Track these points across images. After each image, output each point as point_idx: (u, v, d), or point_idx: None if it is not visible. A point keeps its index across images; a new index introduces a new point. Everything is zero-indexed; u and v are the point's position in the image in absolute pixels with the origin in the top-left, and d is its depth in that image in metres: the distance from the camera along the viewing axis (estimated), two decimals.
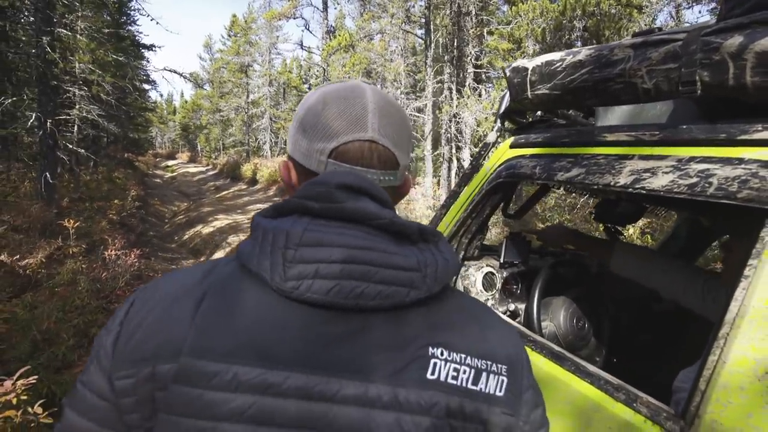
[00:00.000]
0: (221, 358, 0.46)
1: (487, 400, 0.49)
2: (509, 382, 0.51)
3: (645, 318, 1.99)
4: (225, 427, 0.45)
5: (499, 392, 0.50)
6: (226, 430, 0.45)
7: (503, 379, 0.51)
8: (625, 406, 0.91)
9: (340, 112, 0.56)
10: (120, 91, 9.70)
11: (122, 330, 0.51)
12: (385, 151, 0.57)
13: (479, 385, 0.49)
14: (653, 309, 2.00)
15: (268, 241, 0.50)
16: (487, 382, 0.50)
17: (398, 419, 0.46)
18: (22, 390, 1.50)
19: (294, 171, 0.61)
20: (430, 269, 0.50)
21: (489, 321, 0.55)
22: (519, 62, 1.29)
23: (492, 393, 0.50)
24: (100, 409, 0.50)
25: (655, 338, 1.97)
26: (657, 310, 1.99)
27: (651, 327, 1.99)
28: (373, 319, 0.49)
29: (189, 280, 0.53)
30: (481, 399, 0.49)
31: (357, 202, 0.51)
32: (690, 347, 1.82)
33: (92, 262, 4.11)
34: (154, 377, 0.47)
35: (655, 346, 1.94)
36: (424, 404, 0.47)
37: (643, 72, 0.96)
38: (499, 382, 0.50)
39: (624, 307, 1.91)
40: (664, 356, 1.87)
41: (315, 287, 0.47)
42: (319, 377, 0.46)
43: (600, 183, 1.06)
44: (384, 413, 0.46)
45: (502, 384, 0.51)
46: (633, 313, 1.96)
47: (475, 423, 0.48)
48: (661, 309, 1.98)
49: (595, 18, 6.26)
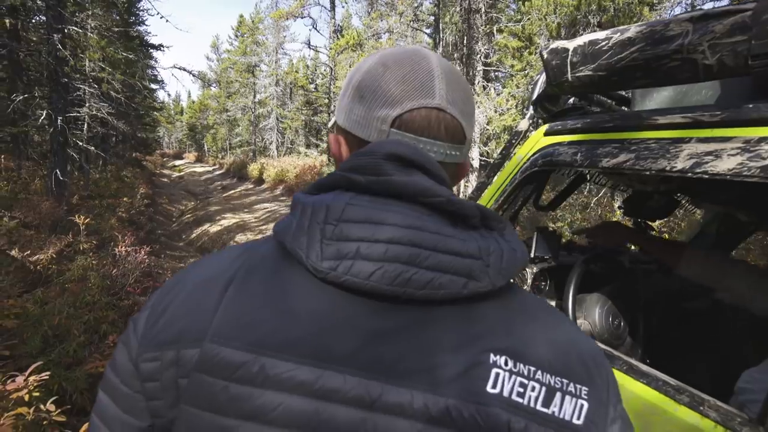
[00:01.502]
0: (248, 348, 0.40)
1: (561, 428, 0.40)
2: (591, 408, 0.41)
3: (675, 316, 1.92)
4: (248, 427, 0.39)
5: (577, 420, 0.40)
6: (249, 430, 0.39)
7: (583, 403, 0.41)
8: (690, 409, 0.84)
9: (404, 76, 0.50)
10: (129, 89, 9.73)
11: (151, 313, 0.47)
12: (452, 121, 0.50)
13: (551, 408, 0.40)
14: (684, 307, 1.92)
15: (306, 216, 0.44)
16: (561, 405, 0.40)
17: None
18: (35, 386, 1.46)
19: (345, 144, 0.55)
20: (493, 258, 0.42)
21: (564, 328, 0.46)
22: (558, 43, 1.21)
23: (568, 419, 0.40)
24: (123, 395, 0.46)
25: (686, 337, 1.90)
26: (688, 308, 1.92)
27: (681, 325, 1.92)
28: (426, 313, 0.41)
29: (221, 260, 0.48)
30: (552, 425, 0.40)
31: (408, 176, 0.44)
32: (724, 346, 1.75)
33: (102, 258, 4.09)
34: (178, 362, 0.42)
35: (686, 345, 1.87)
36: (481, 422, 0.39)
37: (704, 47, 0.89)
38: (578, 407, 0.41)
39: (654, 304, 1.84)
40: (697, 355, 1.80)
41: (355, 269, 0.40)
42: (356, 378, 0.39)
43: (653, 168, 0.98)
44: (431, 428, 0.38)
45: (581, 409, 0.41)
46: (663, 311, 1.89)
47: None
48: (692, 307, 1.91)
49: (609, 13, 6.15)
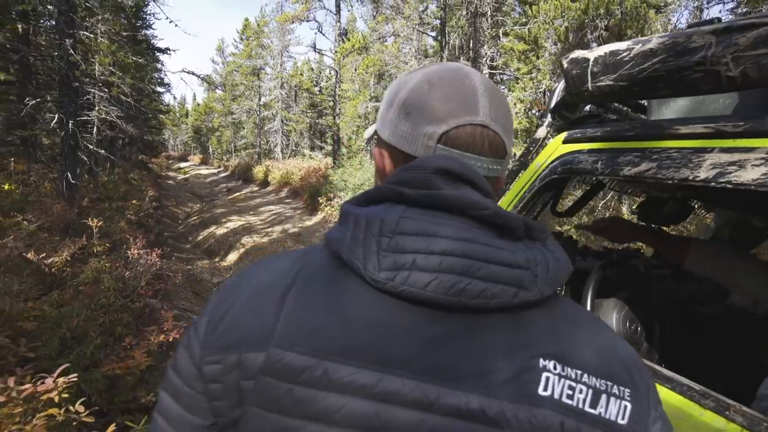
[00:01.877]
0: (311, 353, 0.42)
1: (608, 428, 0.42)
2: (633, 408, 0.44)
3: (689, 320, 1.93)
4: (313, 427, 0.41)
5: (621, 420, 0.43)
6: (314, 431, 0.41)
7: (626, 404, 0.44)
8: (716, 414, 0.86)
9: (449, 94, 0.52)
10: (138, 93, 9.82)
11: (210, 318, 0.49)
12: (495, 137, 0.53)
13: (598, 409, 0.42)
14: (697, 311, 1.93)
15: (360, 228, 0.46)
16: (607, 407, 0.43)
17: None
18: (63, 388, 1.49)
19: (389, 158, 0.57)
20: (540, 268, 0.45)
21: (604, 334, 0.49)
22: (577, 53, 1.24)
23: (613, 420, 0.43)
24: (186, 395, 0.49)
25: (700, 341, 1.90)
26: (701, 313, 1.93)
27: (695, 330, 1.93)
28: (478, 321, 0.44)
29: (277, 267, 0.51)
30: (600, 425, 0.42)
31: (457, 190, 0.47)
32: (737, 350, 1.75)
33: (115, 261, 4.14)
34: (240, 365, 0.45)
35: (700, 349, 1.88)
36: (536, 423, 0.41)
37: (728, 59, 0.91)
38: (622, 408, 0.43)
39: (668, 309, 1.85)
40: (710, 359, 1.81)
41: (411, 280, 0.42)
42: (414, 382, 0.41)
43: (676, 177, 1.00)
44: (488, 429, 0.41)
45: (625, 410, 0.43)
46: (677, 315, 1.90)
47: None
48: (706, 312, 1.92)
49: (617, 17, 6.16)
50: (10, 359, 1.84)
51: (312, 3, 14.70)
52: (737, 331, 1.77)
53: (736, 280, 1.23)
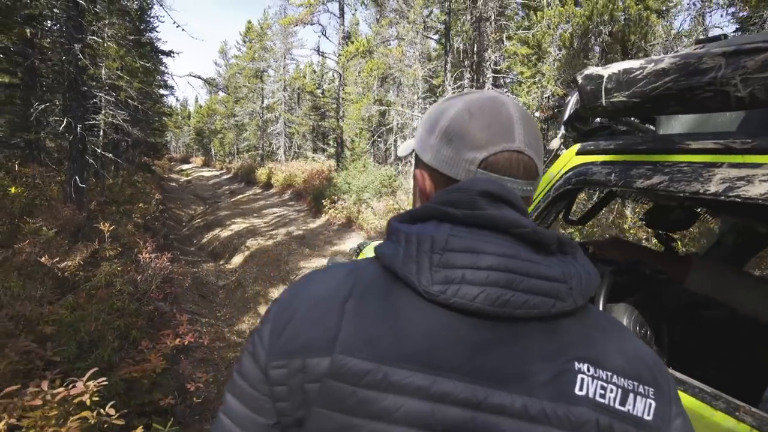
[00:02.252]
0: (372, 358, 0.47)
1: (636, 424, 0.47)
2: (657, 406, 0.49)
3: (695, 325, 1.97)
4: (374, 426, 0.46)
5: (647, 416, 0.48)
6: (374, 429, 0.46)
7: (651, 402, 0.49)
8: (727, 415, 0.91)
9: (489, 122, 0.58)
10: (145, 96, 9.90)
11: (273, 326, 0.54)
12: (529, 161, 0.58)
13: (627, 406, 0.47)
14: (703, 316, 1.97)
15: (412, 244, 0.51)
16: (634, 404, 0.48)
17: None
18: (95, 391, 1.54)
19: (430, 179, 0.62)
20: (575, 281, 0.50)
21: (628, 339, 0.54)
22: (592, 69, 1.29)
23: (640, 416, 0.48)
24: (251, 397, 0.53)
25: (706, 345, 1.95)
26: (706, 317, 1.97)
27: (701, 334, 1.97)
28: (519, 329, 0.49)
29: (332, 280, 0.55)
30: (629, 421, 0.47)
31: (499, 210, 0.52)
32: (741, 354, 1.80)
33: (126, 265, 4.19)
34: (304, 369, 0.49)
35: (706, 353, 1.92)
36: (574, 420, 0.46)
37: (737, 80, 0.97)
38: (647, 406, 0.48)
39: (675, 313, 1.90)
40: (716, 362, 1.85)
41: (461, 293, 0.47)
42: (464, 384, 0.46)
43: (687, 191, 1.06)
44: (531, 426, 0.45)
45: (650, 407, 0.48)
46: (684, 319, 1.94)
47: None
48: (710, 316, 1.96)
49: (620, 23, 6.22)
50: (38, 363, 1.90)
51: (316, 6, 14.79)
52: (742, 335, 1.81)
53: (736, 296, 1.28)
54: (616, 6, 5.99)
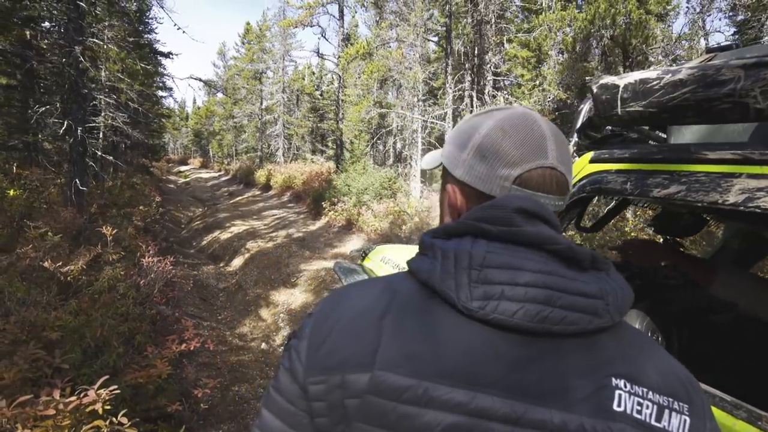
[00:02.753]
0: (412, 374, 0.47)
1: None
2: (692, 422, 0.49)
3: (704, 329, 1.98)
4: None
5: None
6: None
7: (686, 418, 0.49)
8: (749, 424, 0.92)
9: (522, 140, 0.58)
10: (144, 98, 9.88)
11: (310, 342, 0.54)
12: (561, 177, 0.59)
13: (662, 423, 0.48)
14: (712, 320, 1.98)
15: (449, 260, 0.52)
16: (670, 420, 0.48)
17: None
18: (107, 400, 1.53)
19: (461, 194, 0.63)
20: (611, 298, 0.51)
21: (662, 355, 0.54)
22: (607, 79, 1.30)
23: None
24: (288, 412, 0.54)
25: (714, 349, 1.96)
26: (715, 322, 1.98)
27: (710, 338, 1.98)
28: (557, 345, 0.49)
29: (369, 295, 0.56)
30: None
31: (534, 227, 0.52)
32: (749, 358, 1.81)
33: (129, 269, 4.18)
34: (343, 384, 0.49)
35: (715, 358, 1.93)
36: None
37: (756, 92, 0.97)
38: (682, 422, 0.48)
39: (684, 318, 1.90)
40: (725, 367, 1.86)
41: (501, 308, 0.48)
42: (503, 399, 0.46)
43: (705, 201, 1.06)
44: None
45: (685, 424, 0.49)
46: (693, 324, 1.95)
47: None
48: (719, 321, 1.97)
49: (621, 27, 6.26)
50: (46, 371, 1.89)
51: (315, 8, 14.81)
52: (749, 339, 1.82)
53: (761, 303, 1.29)
54: (617, 10, 6.03)
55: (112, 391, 1.62)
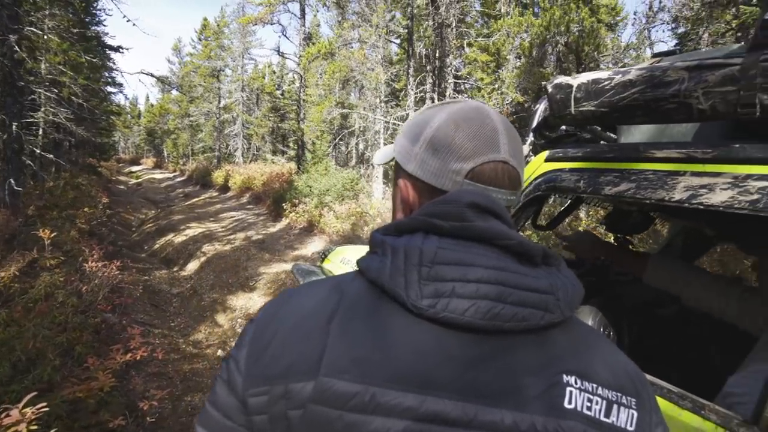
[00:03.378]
0: (359, 379, 0.44)
1: None
2: (639, 416, 0.49)
3: (652, 323, 2.07)
4: None
5: (630, 427, 0.48)
6: None
7: (633, 412, 0.49)
8: (693, 413, 0.94)
9: (474, 133, 0.57)
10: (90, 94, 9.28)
11: (252, 348, 0.50)
12: (513, 171, 0.58)
13: (611, 418, 0.47)
14: (657, 314, 2.08)
15: (399, 257, 0.49)
16: (618, 415, 0.48)
17: None
18: (33, 419, 1.37)
19: (413, 189, 0.60)
20: (562, 293, 0.50)
21: (611, 350, 0.54)
22: (561, 79, 1.32)
23: (623, 427, 0.48)
24: (226, 428, 0.49)
25: (661, 342, 2.05)
26: (662, 316, 2.08)
27: (657, 332, 2.07)
28: (509, 342, 0.48)
29: (316, 297, 0.52)
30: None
31: (486, 222, 0.51)
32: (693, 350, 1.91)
33: (70, 275, 3.88)
34: (287, 394, 0.46)
35: (662, 350, 2.02)
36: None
37: (699, 93, 1.01)
38: (630, 416, 0.49)
39: (634, 313, 1.98)
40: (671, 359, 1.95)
41: (451, 306, 0.46)
42: (454, 402, 0.44)
43: (653, 198, 1.09)
44: None
45: (632, 418, 0.49)
46: (642, 319, 2.04)
47: None
48: (664, 314, 2.07)
49: (575, 35, 6.55)
50: None
51: (276, 6, 14.49)
52: (693, 332, 1.92)
53: (691, 292, 1.34)
54: (571, 18, 6.31)
55: (39, 408, 1.46)
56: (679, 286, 1.39)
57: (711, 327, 1.76)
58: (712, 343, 1.84)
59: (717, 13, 5.69)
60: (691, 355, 1.92)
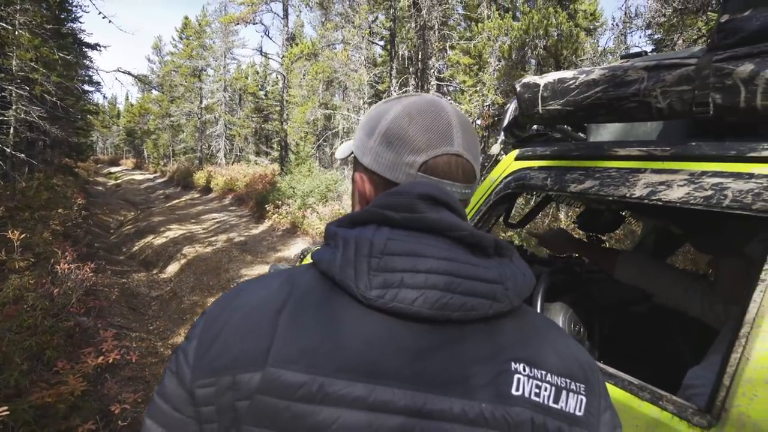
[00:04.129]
0: (307, 369, 0.45)
1: (568, 420, 0.49)
2: (588, 401, 0.50)
3: (624, 320, 2.12)
4: None
5: (579, 412, 0.49)
6: None
7: (582, 398, 0.50)
8: (651, 404, 0.97)
9: (428, 126, 0.57)
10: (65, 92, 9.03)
11: (201, 340, 0.50)
12: (467, 164, 0.59)
13: (560, 404, 0.49)
14: (630, 311, 2.13)
15: (350, 249, 0.49)
16: (567, 401, 0.49)
17: None
18: None
19: (370, 183, 0.61)
20: (510, 283, 0.51)
21: (562, 338, 0.55)
22: (529, 78, 1.34)
23: (572, 412, 0.49)
24: (174, 420, 0.49)
25: (633, 337, 2.10)
26: (633, 312, 2.13)
27: (629, 328, 2.12)
28: (458, 332, 0.48)
29: (266, 289, 0.52)
30: (562, 418, 0.48)
31: (437, 213, 0.51)
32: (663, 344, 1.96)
33: (41, 277, 3.76)
34: (234, 386, 0.46)
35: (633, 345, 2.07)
36: (510, 421, 0.46)
37: (657, 93, 1.04)
38: (579, 402, 0.50)
39: (606, 310, 2.03)
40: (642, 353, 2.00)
41: (400, 296, 0.46)
42: (403, 391, 0.45)
43: (615, 195, 1.12)
44: (470, 429, 0.45)
45: (581, 403, 0.50)
46: (613, 315, 2.08)
47: None
48: (636, 311, 2.12)
49: (553, 38, 6.69)
50: None
51: (258, 6, 14.36)
52: (665, 329, 1.97)
53: (659, 288, 1.38)
54: (549, 22, 6.44)
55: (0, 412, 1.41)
56: (647, 282, 1.43)
57: (681, 323, 1.81)
58: (682, 338, 1.89)
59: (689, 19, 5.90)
60: (662, 351, 1.96)
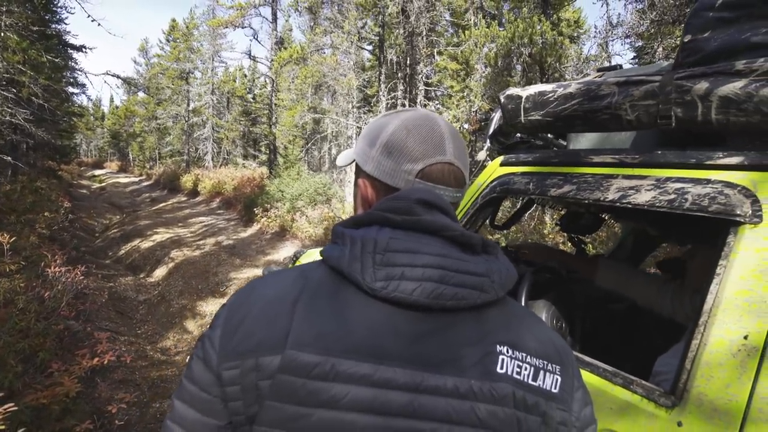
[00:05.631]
0: (320, 351, 0.52)
1: (545, 396, 0.56)
2: (562, 380, 0.58)
3: (602, 316, 2.23)
4: (324, 413, 0.51)
5: (554, 389, 0.57)
6: (323, 416, 0.51)
7: (557, 378, 0.57)
8: (623, 388, 1.07)
9: (423, 138, 0.66)
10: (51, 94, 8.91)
11: (224, 329, 0.57)
12: (458, 171, 0.68)
13: (538, 382, 0.56)
14: (608, 309, 2.24)
15: (357, 247, 0.57)
16: (544, 380, 0.56)
17: (473, 407, 0.52)
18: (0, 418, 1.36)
19: (372, 188, 0.69)
20: (496, 276, 0.59)
21: (539, 325, 0.63)
22: (512, 90, 1.45)
23: (548, 389, 0.56)
24: (202, 400, 0.56)
25: (611, 332, 2.21)
26: (611, 309, 2.24)
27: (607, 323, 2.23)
28: (451, 319, 0.56)
29: (282, 282, 0.60)
30: (540, 394, 0.55)
31: (432, 216, 0.60)
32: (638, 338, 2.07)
33: (30, 280, 3.75)
34: (257, 367, 0.53)
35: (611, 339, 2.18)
36: (495, 395, 0.53)
37: (626, 106, 1.15)
38: (554, 381, 0.57)
39: (586, 307, 2.14)
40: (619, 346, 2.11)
41: (401, 288, 0.54)
42: (404, 370, 0.53)
43: (591, 198, 1.23)
44: (461, 402, 0.52)
45: (556, 382, 0.57)
46: (593, 312, 2.19)
47: (535, 415, 0.55)
48: (614, 309, 2.24)
49: (538, 46, 6.88)
50: None
51: (247, 10, 14.37)
52: (640, 324, 2.08)
53: (635, 290, 1.50)
54: (534, 30, 6.63)
55: (7, 409, 1.45)
56: (624, 287, 1.54)
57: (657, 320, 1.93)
58: (656, 332, 2.01)
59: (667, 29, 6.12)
60: (639, 344, 2.08)
